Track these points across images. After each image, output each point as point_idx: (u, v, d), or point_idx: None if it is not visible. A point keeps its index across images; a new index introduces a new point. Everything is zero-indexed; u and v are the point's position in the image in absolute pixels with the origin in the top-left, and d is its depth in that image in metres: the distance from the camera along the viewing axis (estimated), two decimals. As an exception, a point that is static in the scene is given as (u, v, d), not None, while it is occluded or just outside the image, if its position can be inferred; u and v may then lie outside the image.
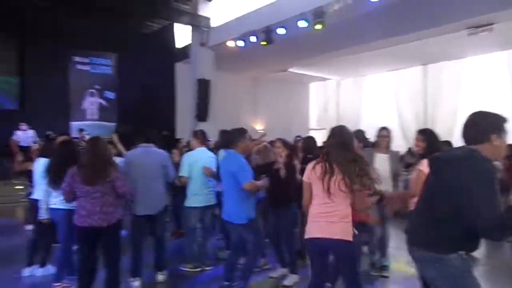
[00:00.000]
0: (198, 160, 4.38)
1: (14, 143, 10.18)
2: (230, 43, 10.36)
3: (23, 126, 10.87)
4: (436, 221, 2.03)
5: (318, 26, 8.05)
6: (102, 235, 3.38)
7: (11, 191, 8.63)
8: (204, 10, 11.74)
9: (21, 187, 7.20)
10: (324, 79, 16.64)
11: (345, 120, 14.80)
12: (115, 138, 4.97)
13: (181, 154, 5.46)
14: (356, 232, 2.62)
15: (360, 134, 4.43)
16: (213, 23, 11.55)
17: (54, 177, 3.72)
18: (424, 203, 2.17)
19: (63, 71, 13.53)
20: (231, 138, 3.76)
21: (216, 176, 4.15)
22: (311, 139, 4.91)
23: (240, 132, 3.74)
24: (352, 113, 15.43)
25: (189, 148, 5.27)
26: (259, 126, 15.15)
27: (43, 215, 4.00)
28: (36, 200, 4.20)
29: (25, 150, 8.03)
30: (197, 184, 4.35)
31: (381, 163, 4.10)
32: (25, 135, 10.72)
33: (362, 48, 10.62)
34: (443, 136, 3.95)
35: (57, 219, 3.94)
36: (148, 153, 4.06)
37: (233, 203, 3.57)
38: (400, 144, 7.86)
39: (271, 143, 4.67)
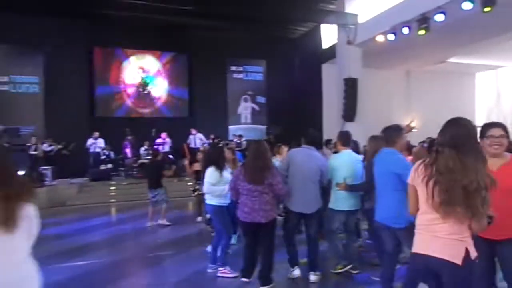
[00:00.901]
0: (342, 163, 4.27)
1: (186, 146, 11.91)
2: (380, 38, 9.84)
3: (194, 131, 12.63)
4: None
5: (487, 9, 6.90)
6: (261, 229, 3.75)
7: (184, 187, 10.13)
8: (351, 7, 11.46)
9: (191, 183, 8.31)
10: (495, 67, 14.23)
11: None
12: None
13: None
14: (474, 256, 2.00)
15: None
16: (361, 19, 11.17)
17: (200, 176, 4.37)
18: None
19: (222, 81, 15.18)
20: (388, 136, 3.55)
21: (354, 188, 4.09)
22: None
23: (397, 129, 3.51)
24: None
25: (335, 150, 5.23)
26: (413, 124, 13.92)
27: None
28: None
29: (195, 152, 9.28)
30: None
31: None
32: (195, 139, 12.44)
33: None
34: None
35: (210, 212, 4.49)
36: (309, 155, 4.20)
37: (391, 205, 3.33)
38: None
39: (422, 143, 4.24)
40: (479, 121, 15.05)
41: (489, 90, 14.87)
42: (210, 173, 4.34)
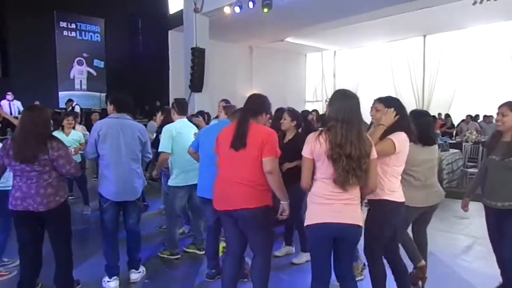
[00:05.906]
0: (180, 133, 3.83)
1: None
2: (227, 9, 9.90)
3: (9, 95, 10.48)
4: None
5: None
6: (44, 222, 2.85)
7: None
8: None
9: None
10: (321, 50, 16.26)
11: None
12: None
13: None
14: None
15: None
16: (208, -13, 10.99)
17: None
18: None
19: (49, 37, 12.87)
20: None
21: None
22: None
23: None
24: (349, 85, 15.20)
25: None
26: (254, 97, 14.85)
27: None
28: None
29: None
30: (181, 161, 3.76)
31: None
32: (13, 106, 10.38)
33: (360, 18, 10.31)
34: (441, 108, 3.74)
35: None
36: (123, 125, 3.29)
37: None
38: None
39: (276, 114, 4.15)
40: (308, 97, 17.19)
41: (316, 69, 17.00)
42: None
